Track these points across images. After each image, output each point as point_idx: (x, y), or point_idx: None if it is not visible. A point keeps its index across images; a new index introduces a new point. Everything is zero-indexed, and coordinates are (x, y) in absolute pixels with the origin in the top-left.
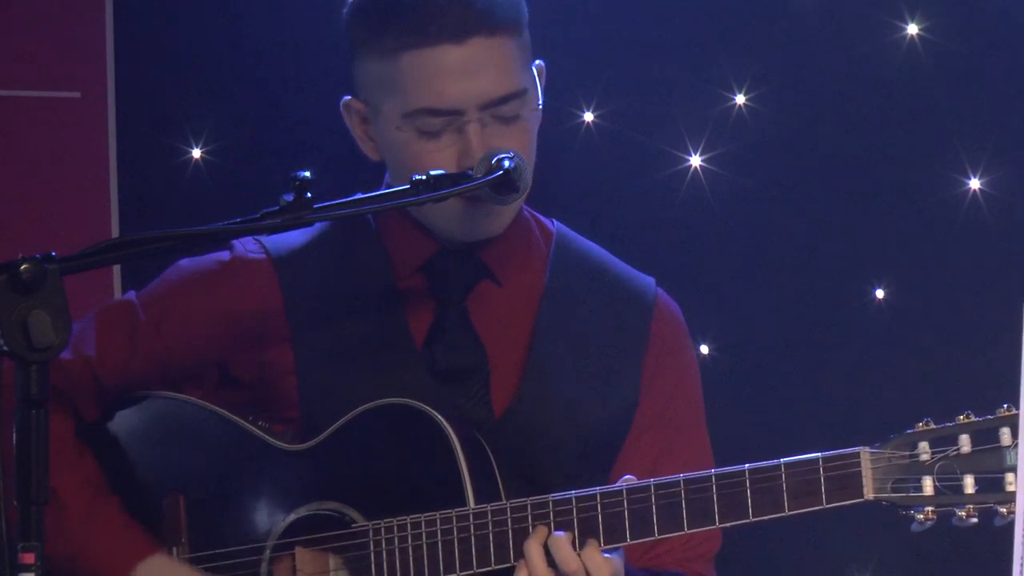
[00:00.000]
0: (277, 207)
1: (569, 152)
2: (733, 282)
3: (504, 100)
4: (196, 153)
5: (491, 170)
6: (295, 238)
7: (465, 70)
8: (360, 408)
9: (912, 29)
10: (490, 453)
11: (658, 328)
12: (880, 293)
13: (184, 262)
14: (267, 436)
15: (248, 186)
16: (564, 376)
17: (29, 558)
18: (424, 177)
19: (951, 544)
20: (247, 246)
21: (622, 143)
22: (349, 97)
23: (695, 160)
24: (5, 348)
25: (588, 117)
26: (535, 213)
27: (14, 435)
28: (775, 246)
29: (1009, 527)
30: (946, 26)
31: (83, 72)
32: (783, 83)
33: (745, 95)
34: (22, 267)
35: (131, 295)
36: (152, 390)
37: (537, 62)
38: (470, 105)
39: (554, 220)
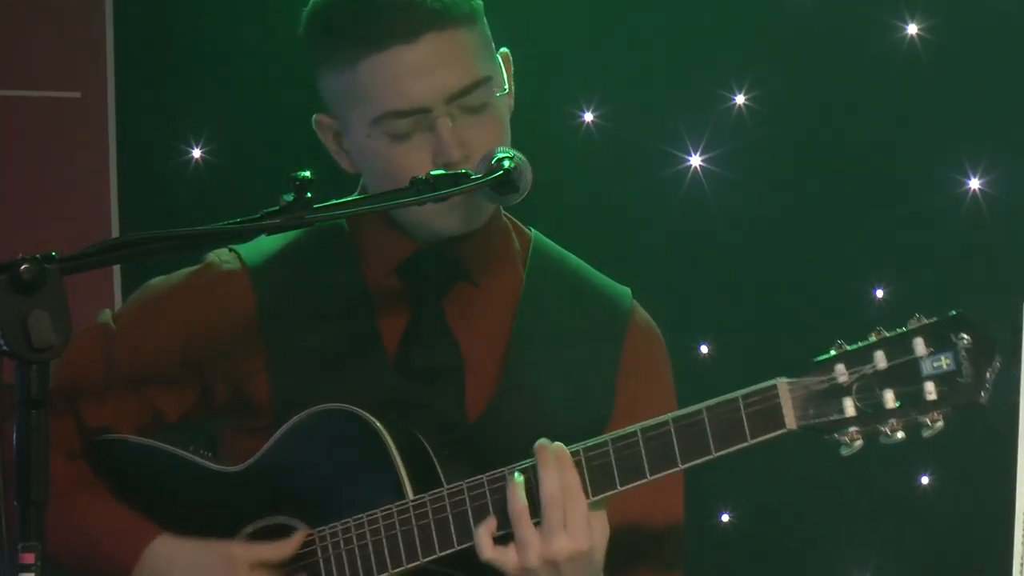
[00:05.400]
0: (277, 207)
1: (569, 152)
2: (733, 282)
3: (467, 91)
4: (196, 153)
5: (492, 170)
6: (269, 245)
7: (422, 67)
8: (290, 421)
9: (912, 29)
10: (425, 443)
11: (632, 337)
12: (880, 293)
13: (156, 279)
14: (208, 463)
15: (248, 186)
16: (539, 380)
17: (29, 558)
18: (424, 177)
19: (951, 545)
20: (221, 257)
21: (622, 143)
22: (319, 114)
23: (695, 160)
24: (5, 348)
25: (588, 117)
26: (513, 219)
27: (14, 435)
28: (775, 246)
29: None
30: (946, 26)
31: (83, 72)
32: (783, 83)
33: (745, 95)
34: (22, 267)
35: (105, 314)
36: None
37: (502, 50)
38: (435, 101)
39: (531, 228)
